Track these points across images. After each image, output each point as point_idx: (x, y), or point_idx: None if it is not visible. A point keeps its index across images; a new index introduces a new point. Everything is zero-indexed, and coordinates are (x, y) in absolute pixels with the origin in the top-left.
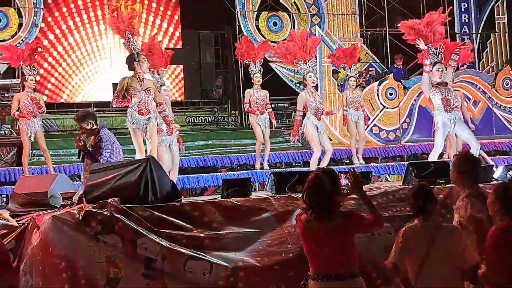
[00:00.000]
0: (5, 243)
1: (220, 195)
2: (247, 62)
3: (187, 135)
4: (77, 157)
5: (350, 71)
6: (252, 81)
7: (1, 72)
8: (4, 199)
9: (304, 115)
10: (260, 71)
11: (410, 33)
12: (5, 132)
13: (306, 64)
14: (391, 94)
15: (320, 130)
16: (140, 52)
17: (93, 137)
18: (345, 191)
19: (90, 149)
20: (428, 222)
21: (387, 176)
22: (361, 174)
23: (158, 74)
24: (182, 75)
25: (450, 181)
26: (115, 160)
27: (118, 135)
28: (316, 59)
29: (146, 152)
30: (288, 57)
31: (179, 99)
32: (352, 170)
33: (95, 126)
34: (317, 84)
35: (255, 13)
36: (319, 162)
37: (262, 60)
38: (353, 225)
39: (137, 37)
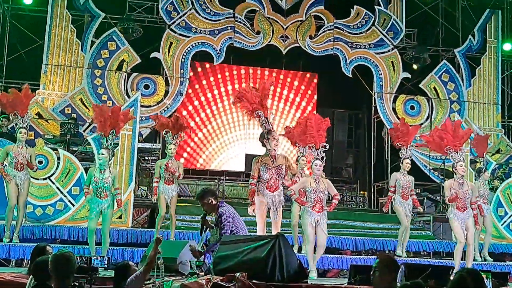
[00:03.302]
0: None
1: (347, 281)
2: (399, 144)
3: None
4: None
5: (482, 164)
6: (401, 164)
7: (143, 137)
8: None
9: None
10: (410, 157)
11: None
12: (141, 194)
13: (457, 153)
14: None
15: (463, 221)
16: (271, 130)
17: (213, 213)
18: None
19: (213, 225)
20: None
21: None
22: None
23: (316, 149)
24: None
25: None
26: (240, 232)
27: (247, 206)
28: None
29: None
30: (440, 145)
31: (307, 172)
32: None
33: (215, 202)
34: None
35: (393, 95)
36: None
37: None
38: None
39: (269, 115)
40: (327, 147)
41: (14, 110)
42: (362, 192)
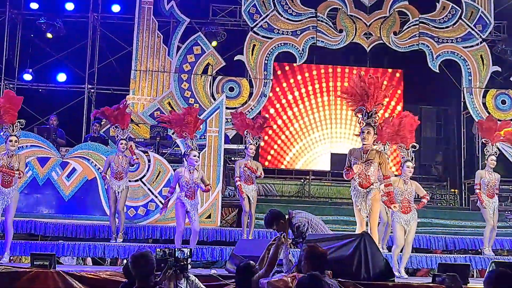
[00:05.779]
0: None
1: (431, 279)
2: (485, 140)
3: None
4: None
5: None
6: (486, 161)
7: (230, 138)
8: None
9: None
10: (496, 154)
11: None
12: (228, 194)
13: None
14: None
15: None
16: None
17: (289, 229)
18: None
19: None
20: None
21: None
22: None
23: (406, 149)
24: None
25: None
26: (319, 231)
27: (333, 205)
28: None
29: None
30: None
31: (396, 173)
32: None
33: (284, 220)
34: None
35: (482, 90)
36: None
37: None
38: None
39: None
40: (417, 148)
41: (116, 123)
42: (452, 190)
